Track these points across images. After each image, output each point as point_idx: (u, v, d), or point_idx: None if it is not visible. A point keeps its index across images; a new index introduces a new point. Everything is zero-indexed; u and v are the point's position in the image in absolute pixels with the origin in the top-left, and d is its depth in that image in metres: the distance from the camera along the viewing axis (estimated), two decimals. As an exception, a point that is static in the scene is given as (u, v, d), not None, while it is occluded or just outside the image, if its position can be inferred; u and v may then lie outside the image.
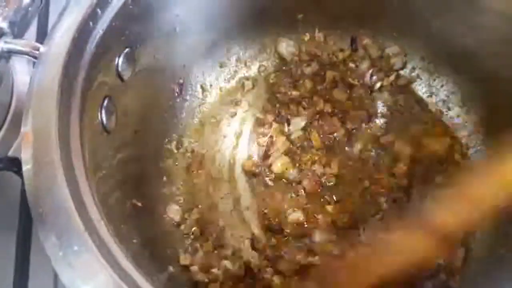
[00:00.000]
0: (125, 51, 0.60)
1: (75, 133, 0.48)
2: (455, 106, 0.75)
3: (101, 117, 0.55)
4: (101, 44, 0.54)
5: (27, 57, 0.56)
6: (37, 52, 0.53)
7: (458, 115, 0.75)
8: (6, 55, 0.56)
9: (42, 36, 0.75)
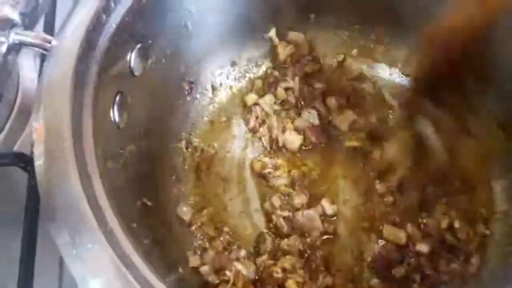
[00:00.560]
0: (138, 47, 0.59)
1: (88, 129, 0.47)
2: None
3: (113, 113, 0.54)
4: (114, 39, 0.54)
5: (37, 50, 0.55)
6: (48, 45, 0.52)
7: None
8: (17, 47, 0.55)
9: (49, 29, 0.74)
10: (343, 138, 0.75)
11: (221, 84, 0.78)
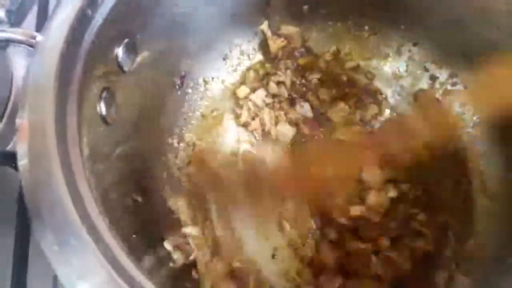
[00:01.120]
0: (125, 41, 0.58)
1: (73, 125, 0.46)
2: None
3: (100, 109, 0.54)
4: (100, 34, 0.52)
5: (24, 46, 0.54)
6: (34, 41, 0.52)
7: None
8: (4, 44, 0.54)
9: (42, 26, 0.73)
10: (336, 130, 0.74)
11: (213, 78, 0.77)
